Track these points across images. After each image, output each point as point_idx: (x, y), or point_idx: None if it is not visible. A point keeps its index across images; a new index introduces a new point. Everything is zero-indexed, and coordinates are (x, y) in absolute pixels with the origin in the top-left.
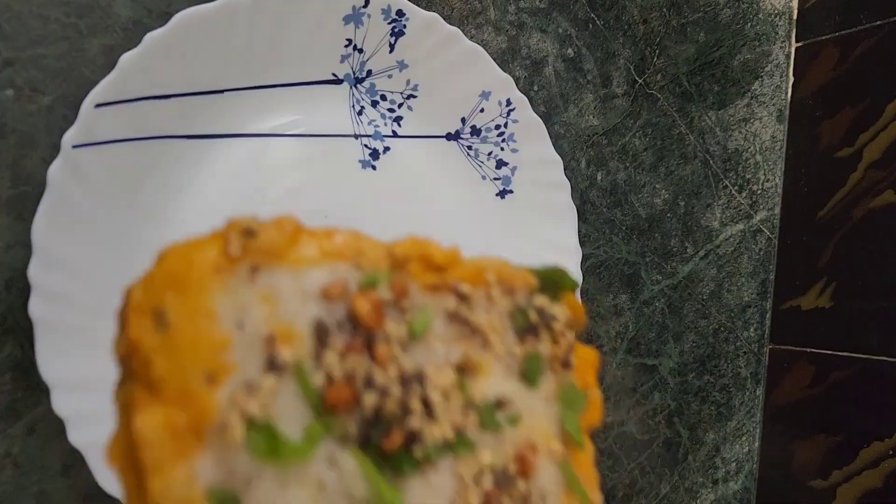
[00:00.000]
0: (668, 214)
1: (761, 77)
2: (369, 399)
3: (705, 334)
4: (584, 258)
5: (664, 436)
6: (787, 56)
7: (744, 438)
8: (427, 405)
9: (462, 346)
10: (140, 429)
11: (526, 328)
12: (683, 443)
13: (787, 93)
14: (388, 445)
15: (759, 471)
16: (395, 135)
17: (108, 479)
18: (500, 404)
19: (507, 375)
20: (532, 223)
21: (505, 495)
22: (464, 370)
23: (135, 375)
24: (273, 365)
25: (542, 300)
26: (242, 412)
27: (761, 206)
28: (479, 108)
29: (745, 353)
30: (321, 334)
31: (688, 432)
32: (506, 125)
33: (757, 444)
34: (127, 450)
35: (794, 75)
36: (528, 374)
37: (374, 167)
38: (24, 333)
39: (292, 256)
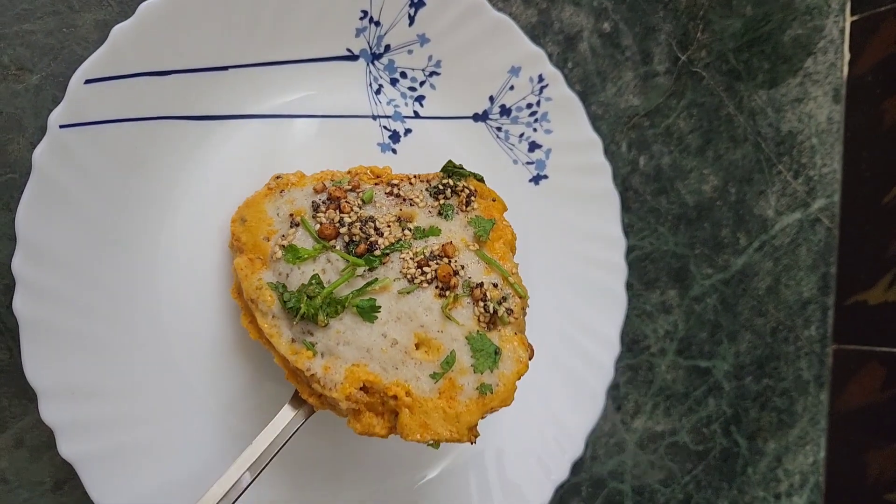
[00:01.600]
0: (718, 202)
1: (814, 54)
2: (343, 230)
3: (762, 334)
4: (628, 250)
5: (720, 446)
6: (842, 31)
7: (808, 448)
8: (377, 230)
9: (398, 207)
10: (237, 264)
11: (437, 191)
12: (742, 453)
13: (842, 70)
14: (359, 251)
15: (826, 484)
16: (416, 116)
17: (103, 494)
18: (427, 229)
19: (429, 216)
20: (570, 211)
21: (433, 262)
22: (401, 219)
23: (234, 248)
24: (293, 223)
25: (448, 180)
26: (280, 244)
27: (819, 193)
28: (509, 86)
29: (806, 354)
30: (315, 206)
31: (746, 442)
32: (538, 103)
33: (822, 454)
34: (237, 288)
35: (850, 51)
36: (444, 213)
37: (394, 151)
38: (10, 335)
39: (300, 185)
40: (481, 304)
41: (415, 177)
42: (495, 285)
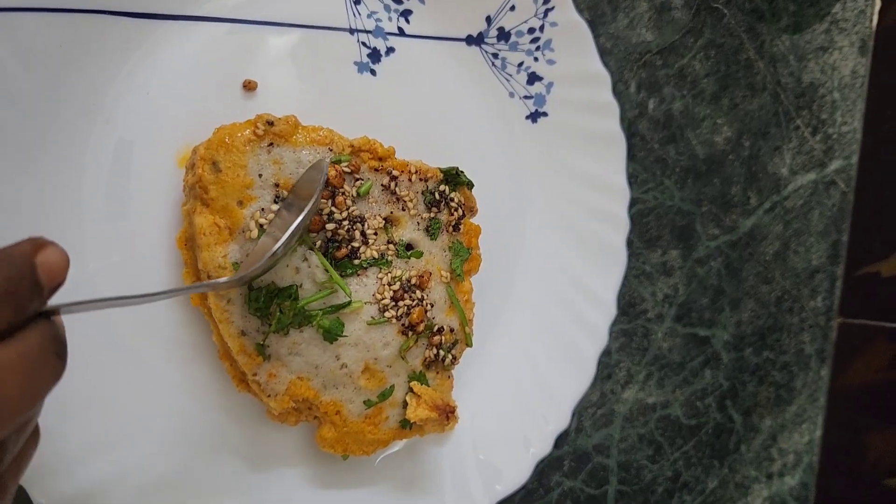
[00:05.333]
0: (731, 156)
1: None
2: (330, 226)
3: (767, 302)
4: (630, 203)
5: (714, 421)
6: None
7: (804, 426)
8: (364, 235)
9: (389, 207)
10: (198, 224)
11: (432, 202)
12: (736, 430)
13: (872, 19)
14: (338, 255)
15: (820, 464)
16: (401, 33)
17: None
18: (410, 245)
19: (416, 229)
20: (571, 154)
21: (407, 296)
22: (389, 221)
23: (197, 196)
24: (277, 198)
25: (444, 187)
26: (257, 222)
27: (837, 153)
28: (509, 6)
29: (810, 327)
30: None
31: (741, 417)
32: (541, 28)
33: (819, 433)
34: (188, 239)
35: None
36: (431, 230)
37: (373, 72)
38: None
39: (293, 140)
40: (434, 348)
41: (415, 172)
42: (452, 330)
